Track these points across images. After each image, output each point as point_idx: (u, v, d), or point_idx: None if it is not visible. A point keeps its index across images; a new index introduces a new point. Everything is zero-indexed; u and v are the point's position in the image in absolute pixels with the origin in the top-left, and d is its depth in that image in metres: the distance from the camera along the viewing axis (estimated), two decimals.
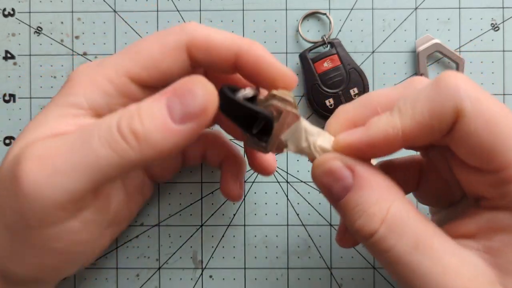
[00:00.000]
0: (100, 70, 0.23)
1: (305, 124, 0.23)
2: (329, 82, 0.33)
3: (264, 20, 0.35)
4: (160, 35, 0.24)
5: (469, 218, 0.21)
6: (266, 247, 0.34)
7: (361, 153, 0.21)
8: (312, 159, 0.23)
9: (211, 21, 0.35)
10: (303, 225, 0.34)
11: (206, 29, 0.24)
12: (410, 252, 0.19)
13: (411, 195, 0.28)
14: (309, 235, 0.34)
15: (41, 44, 0.35)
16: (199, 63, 0.24)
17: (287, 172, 0.35)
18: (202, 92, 0.21)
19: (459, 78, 0.20)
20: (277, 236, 0.34)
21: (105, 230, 0.26)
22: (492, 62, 0.34)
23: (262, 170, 0.30)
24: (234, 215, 0.34)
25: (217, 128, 0.32)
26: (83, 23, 0.35)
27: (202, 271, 0.34)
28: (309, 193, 0.35)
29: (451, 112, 0.19)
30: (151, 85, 0.24)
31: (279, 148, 0.23)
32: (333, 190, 0.21)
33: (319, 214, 0.34)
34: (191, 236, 0.34)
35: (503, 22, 0.35)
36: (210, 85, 0.21)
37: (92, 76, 0.23)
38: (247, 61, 0.24)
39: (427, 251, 0.19)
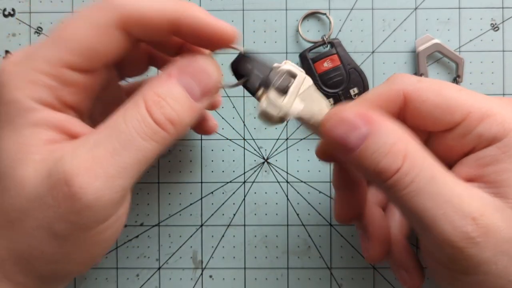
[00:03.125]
0: (31, 65, 0.22)
1: (315, 90, 0.25)
2: (329, 82, 0.33)
3: (264, 20, 0.35)
4: (86, 15, 0.22)
5: (460, 165, 0.23)
6: (266, 247, 0.34)
7: None
8: (316, 125, 0.24)
9: None
10: (303, 225, 0.34)
11: (137, 0, 0.22)
12: (429, 183, 0.21)
13: None
14: (309, 235, 0.34)
15: None
16: (135, 37, 0.23)
17: (287, 172, 0.35)
18: (214, 69, 0.23)
19: (403, 74, 0.24)
20: (277, 236, 0.34)
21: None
22: (492, 62, 0.34)
23: (207, 128, 0.32)
24: (234, 215, 0.34)
25: None
26: None
27: (202, 271, 0.34)
28: (309, 193, 0.35)
29: (395, 95, 0.24)
30: (89, 69, 0.23)
31: (294, 109, 0.24)
32: (348, 140, 0.22)
33: (319, 214, 0.34)
34: (191, 236, 0.34)
35: (502, 22, 0.35)
36: (216, 61, 0.23)
37: (27, 75, 0.22)
38: (184, 26, 0.23)
39: (443, 181, 0.21)
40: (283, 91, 0.24)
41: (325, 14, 0.34)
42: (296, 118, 0.24)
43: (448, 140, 0.24)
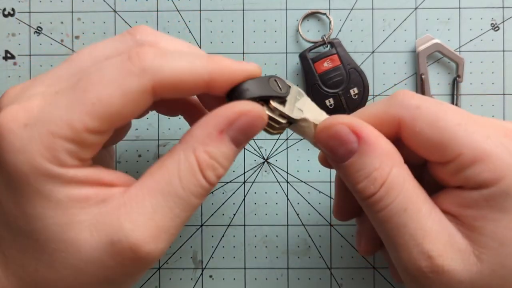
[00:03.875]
0: (51, 128, 0.20)
1: (309, 99, 0.25)
2: (329, 82, 0.33)
3: (264, 20, 0.35)
4: (117, 78, 0.20)
5: (448, 194, 0.23)
6: (266, 247, 0.34)
7: None
8: (312, 133, 0.24)
9: (211, 21, 0.35)
10: (303, 225, 0.34)
11: (169, 64, 0.21)
12: (399, 213, 0.21)
13: None
14: (309, 235, 0.34)
15: (41, 44, 0.35)
16: (164, 97, 0.22)
17: (287, 172, 0.35)
18: (262, 124, 0.22)
19: (405, 95, 0.23)
20: (277, 236, 0.34)
21: None
22: (492, 62, 0.34)
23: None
24: (234, 215, 0.34)
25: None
26: (83, 23, 0.35)
27: (202, 271, 0.34)
28: (309, 193, 0.35)
29: (392, 119, 0.23)
30: (113, 130, 0.22)
31: (297, 116, 0.24)
32: (337, 152, 0.23)
33: (319, 214, 0.34)
34: (191, 236, 0.34)
35: (503, 22, 0.35)
36: (265, 114, 0.23)
37: (46, 141, 0.20)
38: (218, 82, 0.22)
39: (414, 215, 0.21)
40: (282, 100, 0.24)
41: (325, 14, 0.34)
42: (297, 125, 0.24)
43: (438, 171, 0.23)
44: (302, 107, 0.25)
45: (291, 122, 0.24)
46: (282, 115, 0.24)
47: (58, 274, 0.21)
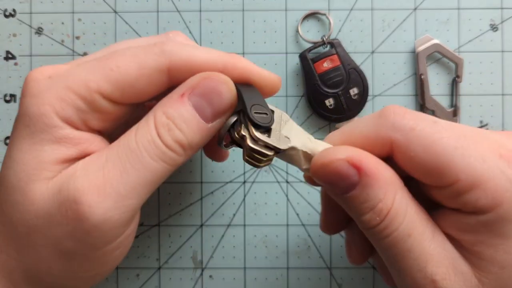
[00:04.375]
0: (66, 82, 0.22)
1: (294, 123, 0.24)
2: (329, 82, 0.34)
3: (264, 20, 0.35)
4: (138, 54, 0.22)
5: (448, 216, 0.22)
6: (266, 247, 0.34)
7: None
8: (308, 157, 0.23)
9: (211, 21, 0.35)
10: (303, 225, 0.34)
11: (187, 49, 0.23)
12: (404, 239, 0.21)
13: None
14: (309, 235, 0.34)
15: (42, 45, 0.35)
16: (179, 82, 0.23)
17: (287, 172, 0.35)
18: (227, 90, 0.22)
19: (396, 114, 0.22)
20: (277, 236, 0.34)
21: None
22: (491, 62, 0.35)
23: (219, 156, 0.31)
24: (234, 215, 0.35)
25: None
26: (83, 23, 0.35)
27: (202, 271, 0.34)
28: (309, 193, 0.35)
29: (383, 141, 0.22)
30: (122, 103, 0.23)
31: (284, 146, 0.23)
32: (338, 187, 0.22)
33: (319, 214, 0.34)
34: (191, 236, 0.34)
35: (501, 22, 0.35)
36: (230, 81, 0.22)
37: (59, 91, 0.22)
38: (232, 75, 0.23)
39: (418, 239, 0.21)
40: (266, 128, 0.22)
41: (325, 14, 0.35)
42: (284, 154, 0.23)
43: (434, 193, 0.22)
44: (289, 133, 0.23)
45: (278, 152, 0.23)
46: (268, 146, 0.22)
47: (16, 230, 0.22)
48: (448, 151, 0.21)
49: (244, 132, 0.22)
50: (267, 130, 0.22)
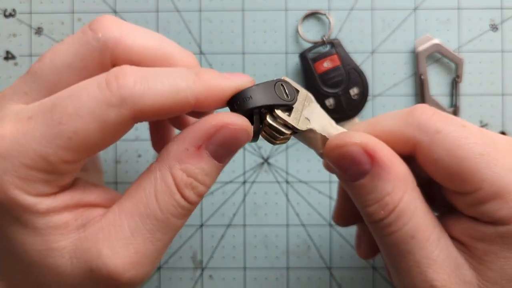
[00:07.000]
0: (21, 159, 0.19)
1: (318, 105, 0.23)
2: (329, 82, 0.34)
3: (264, 21, 0.35)
4: (95, 110, 0.19)
5: (461, 221, 0.22)
6: (266, 247, 0.34)
7: None
8: (320, 143, 0.23)
9: (211, 21, 0.35)
10: (303, 225, 0.34)
11: (153, 89, 0.19)
12: (407, 240, 0.21)
13: None
14: (309, 235, 0.34)
15: (42, 45, 0.35)
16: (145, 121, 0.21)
17: (287, 172, 0.35)
18: (246, 136, 0.21)
19: (424, 114, 0.21)
20: (277, 236, 0.34)
21: None
22: (491, 62, 0.35)
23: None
24: (234, 215, 0.35)
25: None
26: (83, 23, 0.35)
27: (202, 271, 0.34)
28: (309, 193, 0.35)
29: (407, 139, 0.21)
30: (89, 156, 0.21)
31: (303, 127, 0.22)
32: (348, 172, 0.21)
33: (319, 214, 0.34)
34: (191, 236, 0.34)
35: (501, 22, 0.35)
36: (249, 125, 0.21)
37: (17, 171, 0.19)
38: (206, 102, 0.21)
39: (421, 243, 0.21)
40: (289, 107, 0.22)
41: (324, 14, 0.35)
42: (302, 135, 0.23)
43: (453, 198, 0.22)
44: (310, 115, 0.23)
45: (296, 132, 0.22)
46: (287, 125, 0.22)
47: None
48: (473, 157, 0.20)
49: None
50: (288, 109, 0.22)
